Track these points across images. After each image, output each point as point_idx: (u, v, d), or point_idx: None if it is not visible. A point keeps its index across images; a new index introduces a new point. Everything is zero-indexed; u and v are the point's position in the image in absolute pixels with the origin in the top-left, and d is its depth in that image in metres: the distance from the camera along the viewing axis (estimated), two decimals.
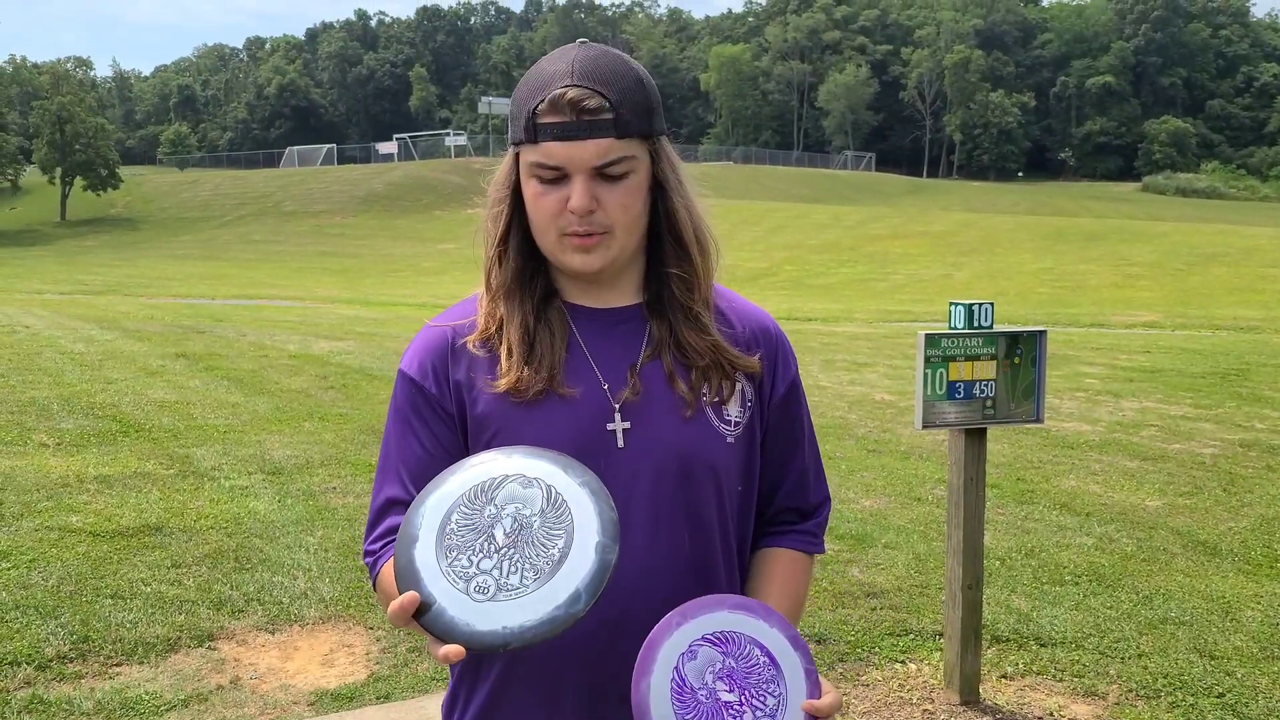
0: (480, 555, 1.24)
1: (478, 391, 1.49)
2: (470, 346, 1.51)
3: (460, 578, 1.23)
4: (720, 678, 1.33)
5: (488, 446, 1.47)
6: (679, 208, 1.52)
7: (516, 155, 1.48)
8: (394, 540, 1.47)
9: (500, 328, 1.51)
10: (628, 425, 1.47)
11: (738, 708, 1.33)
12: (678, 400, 1.50)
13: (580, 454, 1.44)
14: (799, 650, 1.38)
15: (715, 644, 1.35)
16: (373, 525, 1.53)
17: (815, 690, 1.38)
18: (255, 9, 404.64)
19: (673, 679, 1.31)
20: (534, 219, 1.47)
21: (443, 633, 1.21)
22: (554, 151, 1.41)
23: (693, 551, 1.50)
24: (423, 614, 1.22)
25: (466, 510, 1.27)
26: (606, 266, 1.48)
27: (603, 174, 1.43)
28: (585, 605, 1.21)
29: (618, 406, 1.48)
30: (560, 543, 1.24)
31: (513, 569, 1.23)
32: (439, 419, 1.51)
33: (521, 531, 1.25)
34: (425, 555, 1.25)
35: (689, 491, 1.49)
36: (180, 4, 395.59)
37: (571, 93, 1.40)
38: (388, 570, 1.50)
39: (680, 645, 1.34)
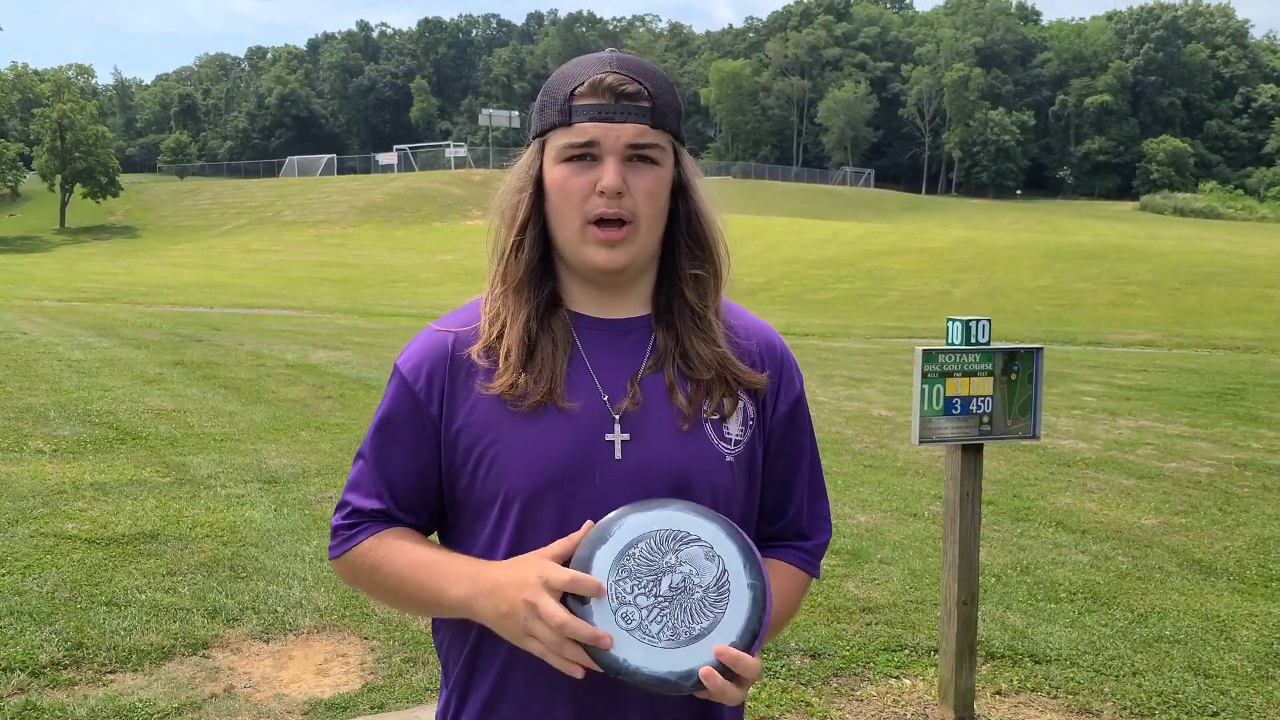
0: (642, 592, 1.32)
1: (475, 398, 1.46)
2: (473, 356, 1.48)
3: (617, 598, 1.31)
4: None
5: (483, 456, 1.45)
6: (702, 209, 1.53)
7: (542, 145, 1.48)
8: (361, 527, 1.53)
9: (502, 333, 1.48)
10: (627, 437, 1.45)
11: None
12: (675, 413, 1.47)
13: (577, 466, 1.43)
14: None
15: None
16: (341, 506, 1.57)
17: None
18: (257, 19, 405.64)
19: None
20: (559, 206, 1.45)
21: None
22: (589, 130, 1.42)
23: None
24: (578, 605, 1.32)
25: (653, 546, 1.34)
26: (628, 265, 1.46)
27: (634, 158, 1.43)
28: (695, 687, 1.30)
29: (617, 417, 1.45)
30: (705, 623, 1.32)
31: (659, 619, 1.32)
32: (420, 430, 1.49)
33: (683, 595, 1.33)
34: (603, 561, 1.33)
35: None
36: (182, 13, 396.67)
37: (611, 78, 1.43)
38: (367, 546, 1.51)
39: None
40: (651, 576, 1.32)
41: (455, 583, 1.40)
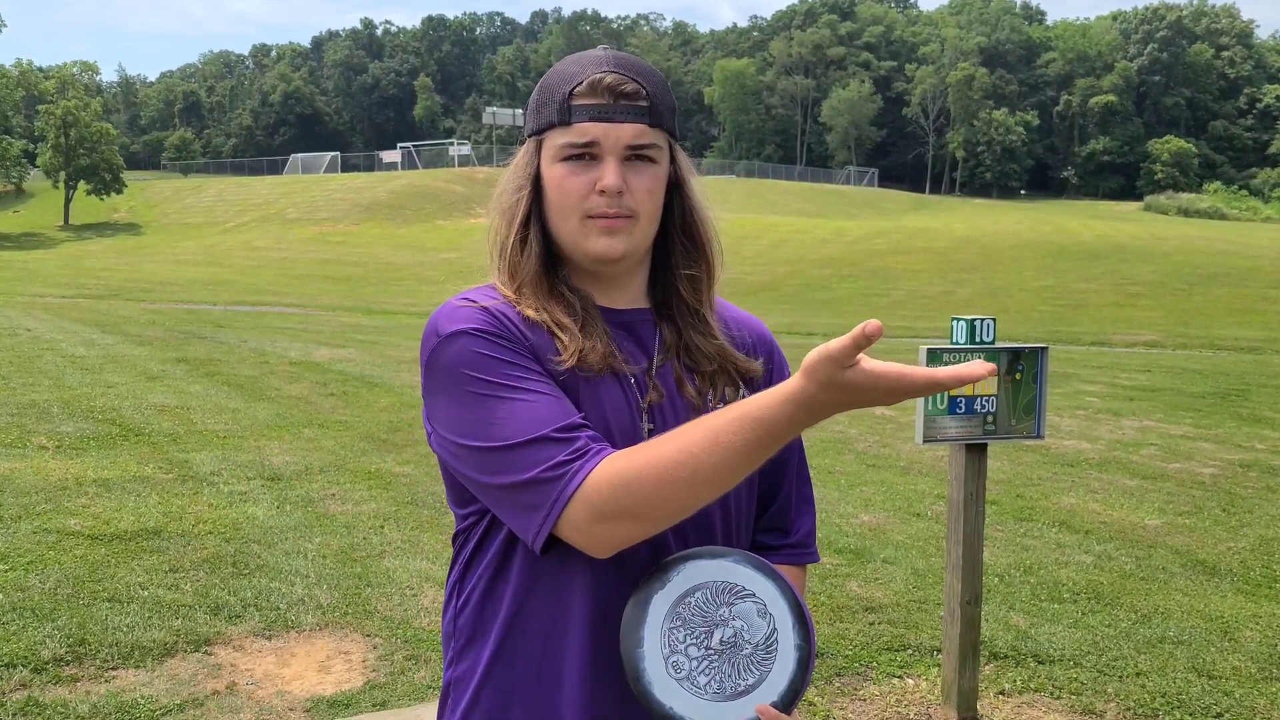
0: (693, 642, 1.35)
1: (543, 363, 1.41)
2: (528, 317, 1.43)
3: (669, 646, 1.34)
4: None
5: None
6: (697, 206, 1.54)
7: (538, 144, 1.48)
8: (599, 443, 1.34)
9: (536, 310, 1.45)
10: (653, 427, 1.46)
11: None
12: (687, 405, 1.49)
13: (622, 439, 1.41)
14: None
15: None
16: (548, 441, 1.31)
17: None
18: (262, 17, 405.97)
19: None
20: (557, 203, 1.45)
21: (627, 659, 1.34)
22: (589, 130, 1.42)
23: None
24: (633, 647, 1.35)
25: (708, 596, 1.37)
26: (627, 254, 1.46)
27: (633, 157, 1.44)
28: None
29: (645, 407, 1.46)
30: (751, 680, 1.36)
31: (708, 672, 1.35)
32: (524, 357, 1.39)
33: (732, 650, 1.36)
34: (659, 606, 1.36)
35: None
36: (186, 12, 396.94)
37: (610, 78, 1.43)
38: (604, 476, 1.29)
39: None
40: (704, 628, 1.35)
41: (782, 403, 1.23)
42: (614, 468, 1.29)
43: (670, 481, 1.26)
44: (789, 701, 1.36)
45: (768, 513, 1.63)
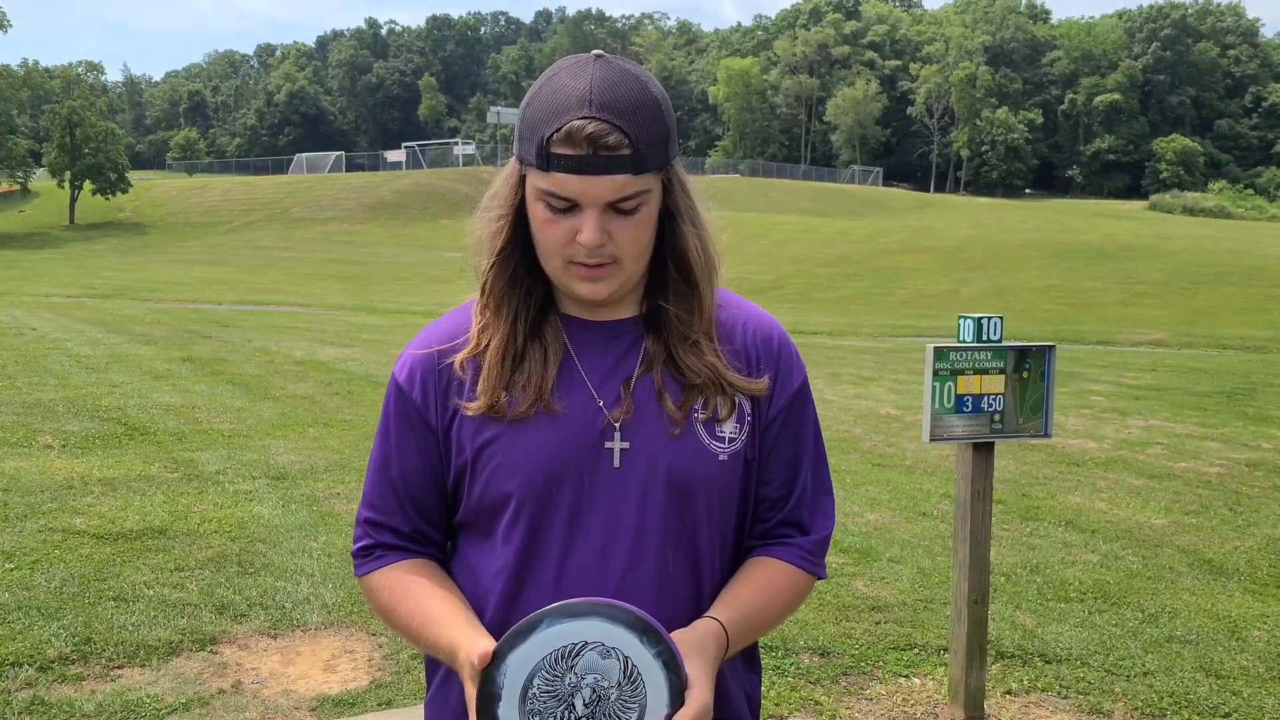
0: None
1: (461, 408, 1.48)
2: (457, 367, 1.48)
3: None
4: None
5: (483, 463, 1.46)
6: (688, 236, 1.47)
7: (522, 174, 1.43)
8: (376, 555, 1.54)
9: (490, 344, 1.49)
10: (627, 445, 1.44)
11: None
12: (666, 418, 1.45)
13: (578, 465, 1.43)
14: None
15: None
16: (358, 524, 1.58)
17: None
18: (267, 16, 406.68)
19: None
20: (540, 243, 1.43)
21: None
22: (567, 184, 1.35)
23: (682, 572, 1.46)
24: None
25: (548, 676, 1.29)
26: (613, 295, 1.45)
27: (615, 208, 1.38)
28: None
29: (618, 425, 1.44)
30: (635, 713, 1.29)
31: None
32: (422, 436, 1.51)
33: (600, 704, 1.29)
34: (509, 715, 1.28)
35: (680, 511, 1.45)
36: (192, 10, 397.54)
37: (590, 127, 1.32)
38: (382, 581, 1.53)
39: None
40: (563, 706, 1.27)
41: (446, 655, 1.43)
42: (387, 595, 1.51)
43: (399, 631, 1.53)
44: (679, 703, 1.29)
45: (778, 516, 1.56)
